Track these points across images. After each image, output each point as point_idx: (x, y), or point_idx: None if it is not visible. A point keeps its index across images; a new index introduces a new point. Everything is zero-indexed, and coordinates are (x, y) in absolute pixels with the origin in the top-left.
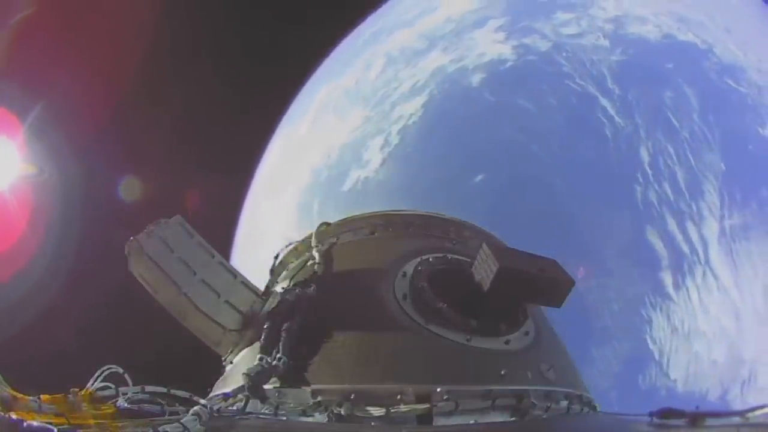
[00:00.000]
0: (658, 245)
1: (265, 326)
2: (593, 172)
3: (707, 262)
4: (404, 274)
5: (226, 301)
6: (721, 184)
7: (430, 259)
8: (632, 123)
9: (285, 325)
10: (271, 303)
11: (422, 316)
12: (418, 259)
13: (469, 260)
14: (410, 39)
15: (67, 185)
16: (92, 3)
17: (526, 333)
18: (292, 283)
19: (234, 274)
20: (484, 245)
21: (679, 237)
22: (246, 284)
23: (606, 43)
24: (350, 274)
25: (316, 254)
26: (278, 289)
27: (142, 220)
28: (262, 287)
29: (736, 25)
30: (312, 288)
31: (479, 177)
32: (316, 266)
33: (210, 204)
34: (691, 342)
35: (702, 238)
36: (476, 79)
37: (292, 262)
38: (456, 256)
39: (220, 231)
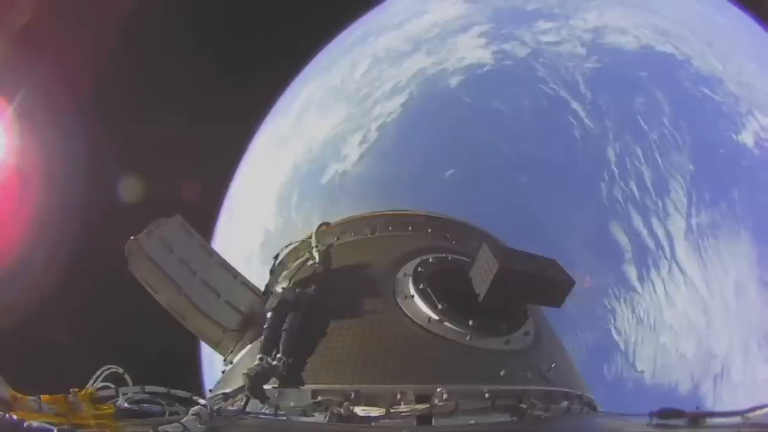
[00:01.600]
0: (623, 239)
1: (265, 326)
2: (559, 170)
3: (673, 257)
4: (404, 274)
5: (226, 301)
6: (689, 184)
7: (431, 260)
8: (601, 126)
9: (285, 325)
10: (271, 303)
11: (422, 316)
12: (419, 260)
13: (469, 260)
14: (397, 41)
15: (58, 182)
16: None
17: (526, 333)
18: (292, 283)
19: (234, 274)
20: (484, 245)
21: (644, 232)
22: (246, 284)
23: (582, 51)
24: (350, 274)
25: (316, 254)
26: (278, 289)
27: (127, 213)
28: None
29: (719, 40)
30: (312, 288)
31: (449, 172)
32: (316, 266)
33: (192, 196)
34: (658, 334)
35: (668, 234)
36: (454, 81)
37: (292, 262)
38: (456, 257)
39: (201, 222)
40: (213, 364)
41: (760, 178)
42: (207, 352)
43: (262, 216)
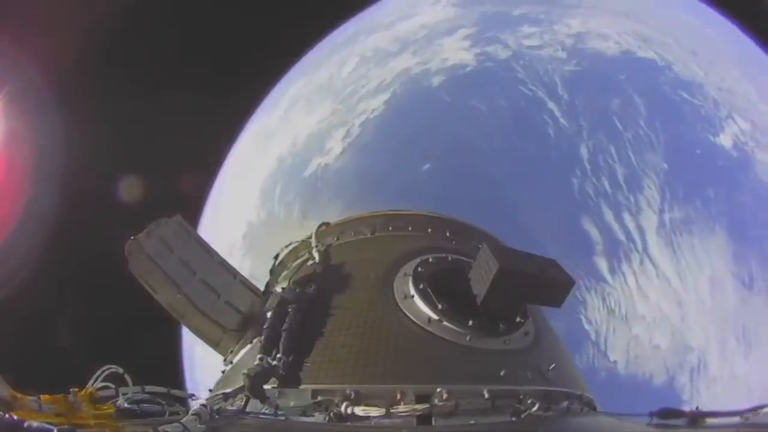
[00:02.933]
0: (593, 232)
1: (265, 326)
2: (532, 166)
3: (645, 250)
4: (404, 274)
5: (226, 302)
6: (663, 182)
7: (431, 260)
8: (576, 125)
9: (285, 325)
10: (271, 303)
11: (422, 316)
12: (419, 260)
13: (469, 260)
14: (385, 41)
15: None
16: None
17: (526, 333)
18: (292, 283)
19: (234, 274)
20: (484, 245)
21: (616, 226)
22: (246, 284)
23: (563, 55)
24: (350, 274)
25: (315, 254)
26: (278, 289)
27: (117, 207)
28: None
29: (704, 49)
30: (312, 288)
31: (426, 166)
32: (315, 266)
33: (178, 188)
34: (630, 325)
35: (639, 228)
36: (437, 80)
37: (292, 262)
38: (456, 257)
39: (187, 214)
40: (195, 364)
41: (737, 178)
42: (188, 351)
43: (245, 208)
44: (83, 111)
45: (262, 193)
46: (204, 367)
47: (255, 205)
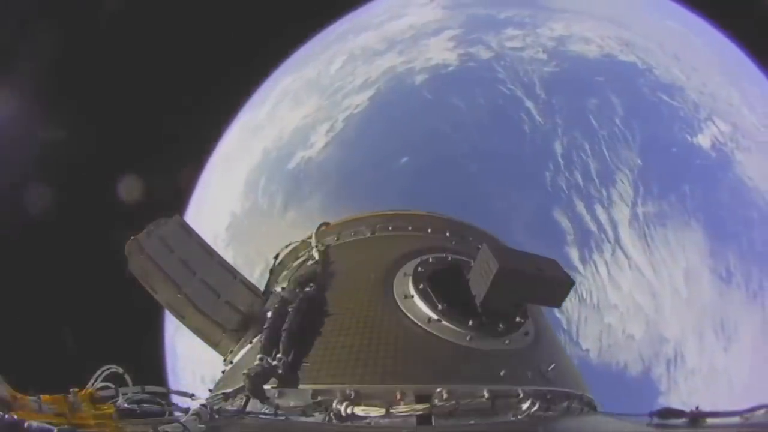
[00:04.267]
0: (565, 223)
1: (265, 326)
2: (506, 160)
3: (617, 241)
4: (404, 274)
5: (226, 302)
6: (636, 177)
7: (431, 260)
8: (552, 122)
9: (285, 325)
10: (271, 303)
11: (422, 316)
12: (419, 260)
13: (469, 260)
14: (373, 40)
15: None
16: None
17: (526, 333)
18: (292, 283)
19: (234, 274)
20: (484, 245)
21: (587, 217)
22: (246, 284)
23: (544, 56)
24: (350, 274)
25: (315, 254)
26: (278, 289)
27: (107, 200)
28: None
29: (688, 55)
30: (312, 288)
31: (404, 159)
32: (315, 266)
33: (164, 181)
34: (603, 314)
35: (612, 220)
36: (419, 79)
37: (291, 262)
38: (456, 257)
39: (173, 206)
40: (176, 357)
41: (715, 176)
42: (170, 344)
43: (230, 199)
44: (72, 105)
45: (247, 185)
46: (185, 358)
47: (239, 196)
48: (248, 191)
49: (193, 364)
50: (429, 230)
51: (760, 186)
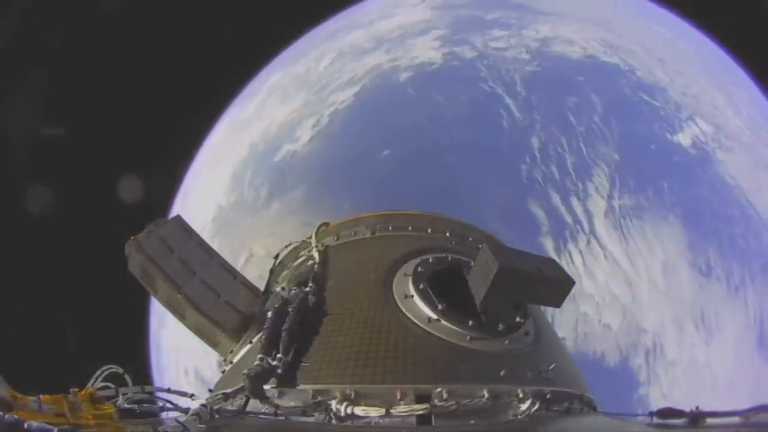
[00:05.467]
0: (540, 214)
1: (265, 326)
2: (484, 154)
3: (592, 232)
4: (404, 274)
5: (226, 302)
6: (613, 171)
7: (431, 259)
8: (530, 118)
9: (285, 325)
10: (271, 303)
11: (422, 316)
12: (419, 259)
13: (469, 260)
14: (362, 39)
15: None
16: None
17: (526, 333)
18: (292, 283)
19: (234, 274)
20: (484, 245)
21: (562, 209)
22: (246, 284)
23: (527, 56)
24: (350, 274)
25: (315, 254)
26: (278, 289)
27: (101, 193)
28: None
29: (673, 59)
30: (312, 288)
31: (385, 152)
32: (315, 266)
33: (152, 176)
34: (578, 303)
35: (587, 212)
36: (404, 76)
37: (291, 262)
38: (456, 257)
39: (160, 198)
40: (161, 351)
41: (694, 173)
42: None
43: (217, 192)
44: (60, 98)
45: (234, 178)
46: (170, 353)
47: (226, 189)
48: (235, 184)
49: (177, 357)
50: (429, 230)
51: (742, 185)
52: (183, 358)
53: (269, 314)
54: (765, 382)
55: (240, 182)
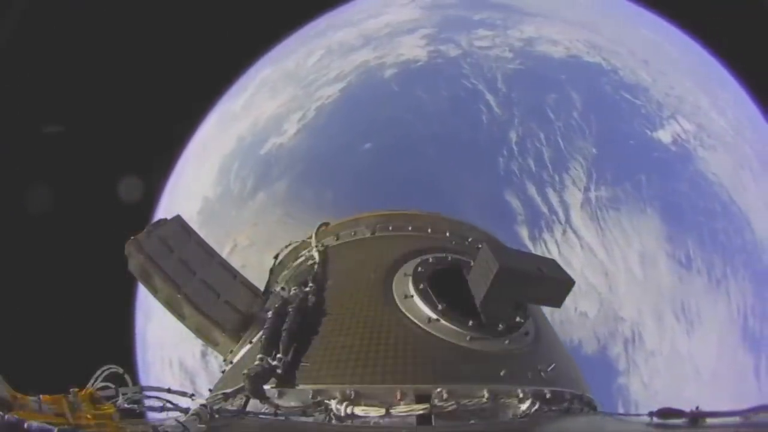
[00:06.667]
0: (515, 204)
1: (265, 326)
2: (462, 147)
3: (568, 222)
4: (404, 274)
5: (226, 302)
6: (590, 164)
7: (431, 259)
8: (509, 113)
9: (285, 325)
10: (272, 303)
11: (422, 316)
12: (419, 259)
13: (469, 260)
14: (351, 36)
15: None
16: None
17: (526, 333)
18: (292, 283)
19: (234, 274)
20: (484, 245)
21: (538, 199)
22: (246, 284)
23: (510, 55)
24: (350, 274)
25: (315, 254)
26: (278, 289)
27: (85, 187)
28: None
29: (659, 61)
30: (312, 288)
31: (367, 145)
32: (315, 266)
33: (141, 167)
34: None
35: (563, 203)
36: (389, 73)
37: (291, 262)
38: (456, 257)
39: (149, 191)
40: (147, 345)
41: (674, 168)
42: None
43: (203, 184)
44: (51, 87)
45: (221, 170)
46: (155, 347)
47: (213, 181)
48: (222, 176)
49: (162, 350)
50: (429, 230)
51: (724, 182)
52: (166, 350)
53: (269, 314)
54: (750, 375)
55: (227, 174)
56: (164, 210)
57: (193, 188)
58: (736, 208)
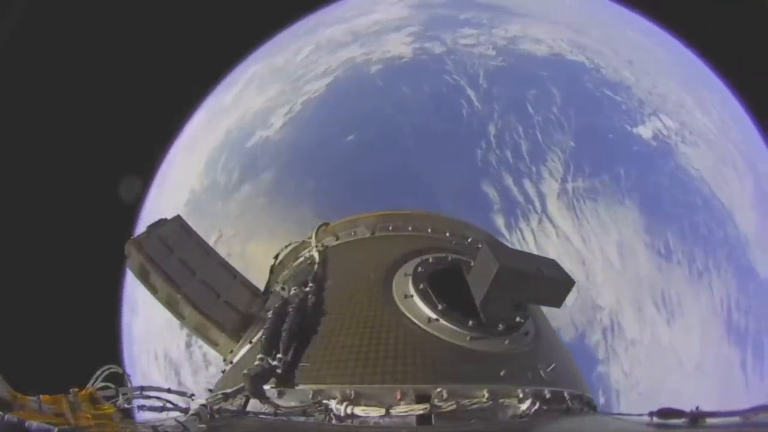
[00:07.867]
0: (492, 193)
1: (265, 326)
2: (441, 139)
3: (544, 212)
4: (404, 274)
5: (226, 301)
6: (568, 157)
7: (431, 259)
8: (489, 108)
9: (285, 325)
10: (271, 303)
11: (422, 316)
12: (419, 259)
13: (469, 260)
14: (340, 33)
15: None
16: None
17: (526, 333)
18: (291, 283)
19: (234, 274)
20: (484, 245)
21: (515, 189)
22: (245, 284)
23: (493, 53)
24: (350, 274)
25: (315, 254)
26: (278, 289)
27: (84, 181)
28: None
29: (644, 62)
30: (312, 288)
31: (350, 137)
32: (315, 266)
33: (131, 160)
34: None
35: (539, 193)
36: (374, 68)
37: (291, 262)
38: (456, 256)
39: (138, 183)
40: (132, 340)
41: (654, 162)
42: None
43: (190, 177)
44: (42, 82)
45: (208, 163)
46: (141, 341)
47: (200, 174)
48: (209, 169)
49: (147, 342)
50: (429, 230)
51: (706, 177)
52: (151, 342)
53: (269, 314)
54: (737, 368)
55: (214, 167)
56: (152, 202)
57: (181, 180)
58: (718, 202)
